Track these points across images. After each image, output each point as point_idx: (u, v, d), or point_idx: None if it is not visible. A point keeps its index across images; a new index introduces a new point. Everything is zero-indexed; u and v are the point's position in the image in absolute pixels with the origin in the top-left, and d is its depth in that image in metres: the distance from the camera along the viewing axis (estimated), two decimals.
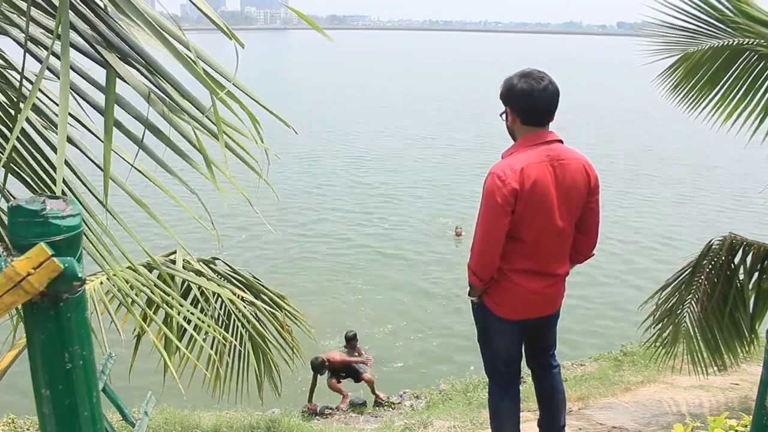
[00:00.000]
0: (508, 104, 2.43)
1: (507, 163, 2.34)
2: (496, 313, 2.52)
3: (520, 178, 2.28)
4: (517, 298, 2.48)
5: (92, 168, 1.52)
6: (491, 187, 2.29)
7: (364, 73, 51.92)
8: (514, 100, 2.39)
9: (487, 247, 2.35)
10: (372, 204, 13.74)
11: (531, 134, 2.39)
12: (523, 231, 2.35)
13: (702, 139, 18.03)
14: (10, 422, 4.85)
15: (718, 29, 3.36)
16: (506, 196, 2.27)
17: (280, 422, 4.47)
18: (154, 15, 1.10)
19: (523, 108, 2.37)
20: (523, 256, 2.40)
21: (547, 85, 2.34)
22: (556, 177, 2.34)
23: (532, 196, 2.30)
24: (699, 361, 3.60)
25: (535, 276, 2.45)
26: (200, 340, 2.85)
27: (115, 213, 1.49)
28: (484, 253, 2.37)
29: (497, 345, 2.65)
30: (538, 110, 2.37)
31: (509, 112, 2.43)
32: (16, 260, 0.77)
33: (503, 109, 2.48)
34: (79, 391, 0.87)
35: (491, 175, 2.32)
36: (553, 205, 2.35)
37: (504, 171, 2.29)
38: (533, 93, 2.33)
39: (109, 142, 1.13)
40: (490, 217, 2.31)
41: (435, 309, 8.70)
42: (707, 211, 13.48)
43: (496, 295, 2.49)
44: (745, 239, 3.45)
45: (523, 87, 2.35)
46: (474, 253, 2.39)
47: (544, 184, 2.32)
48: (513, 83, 2.39)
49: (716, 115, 3.54)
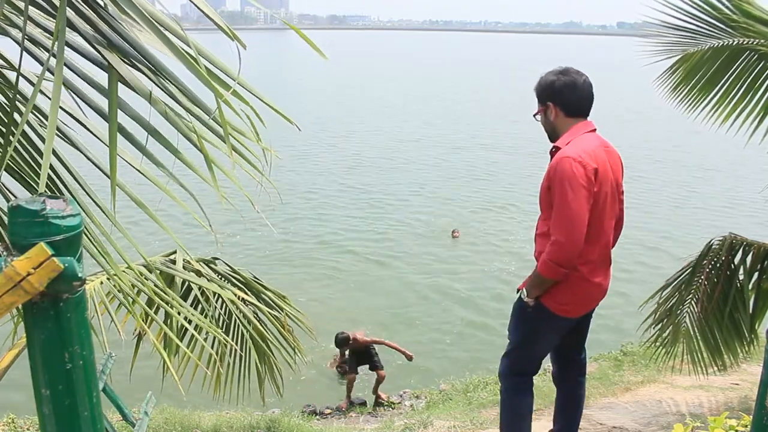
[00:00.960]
0: (551, 99, 2.49)
1: (576, 146, 2.35)
2: (557, 312, 2.45)
3: (594, 159, 2.32)
4: (583, 292, 2.46)
5: (91, 168, 1.52)
6: (571, 170, 2.27)
7: (364, 73, 51.89)
8: (558, 95, 2.47)
9: (578, 232, 2.28)
10: (370, 204, 13.73)
11: (580, 123, 2.46)
12: (592, 215, 2.34)
13: (702, 139, 18.03)
14: (10, 422, 4.84)
15: (718, 29, 3.35)
16: (589, 177, 2.28)
17: (280, 422, 4.47)
18: (154, 12, 1.10)
19: (569, 100, 2.45)
20: (590, 244, 2.37)
21: (586, 78, 2.48)
22: (609, 162, 2.42)
23: (603, 179, 2.35)
24: (699, 361, 3.60)
25: (599, 267, 2.46)
26: (201, 340, 2.85)
27: (112, 216, 1.48)
28: (575, 240, 2.29)
29: (543, 345, 2.63)
30: (584, 100, 2.47)
31: (552, 107, 2.49)
32: (16, 260, 0.77)
33: (537, 110, 2.55)
34: (79, 391, 0.87)
35: (567, 160, 2.29)
36: (611, 190, 2.42)
37: (580, 154, 2.30)
38: (577, 85, 2.45)
39: (114, 147, 1.13)
40: (577, 201, 2.27)
41: (434, 309, 8.69)
42: (707, 211, 13.47)
43: (560, 294, 2.42)
44: (745, 239, 3.45)
45: (566, 80, 2.45)
46: (563, 242, 2.29)
47: (605, 168, 2.37)
48: (552, 80, 2.48)
49: (716, 116, 3.54)
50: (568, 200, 2.27)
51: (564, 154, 2.32)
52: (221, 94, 1.08)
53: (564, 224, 2.29)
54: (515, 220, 12.45)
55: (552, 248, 2.31)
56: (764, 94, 3.36)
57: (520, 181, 15.34)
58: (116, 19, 1.18)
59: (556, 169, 2.32)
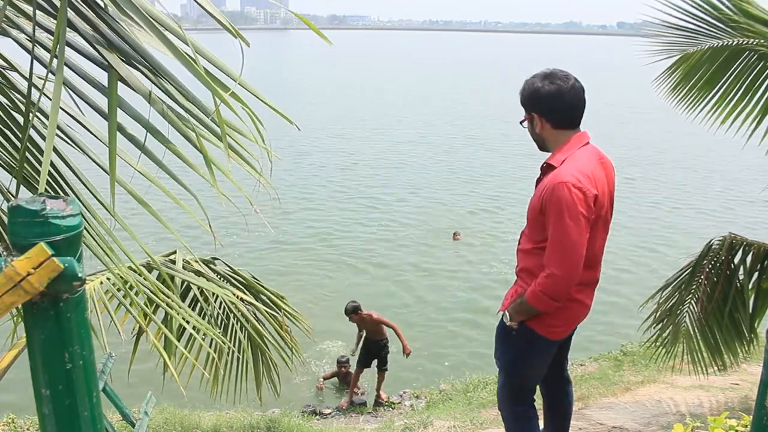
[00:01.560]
0: (535, 110, 2.21)
1: (574, 168, 2.11)
2: (546, 336, 2.29)
3: (594, 183, 2.11)
4: (572, 314, 2.31)
5: (90, 166, 1.52)
6: (571, 197, 2.05)
7: (364, 73, 51.90)
8: (543, 105, 2.19)
9: (576, 264, 2.10)
10: (369, 205, 13.72)
11: (573, 137, 2.20)
12: (589, 239, 2.16)
13: (702, 139, 18.03)
14: (10, 422, 4.84)
15: (718, 29, 3.35)
16: (589, 204, 2.08)
17: (280, 422, 4.47)
18: (154, 12, 1.10)
19: (556, 112, 2.18)
20: (585, 266, 2.18)
21: (574, 83, 2.19)
22: (606, 177, 2.23)
23: (601, 203, 2.16)
24: (699, 361, 3.60)
25: (587, 287, 2.31)
26: (200, 340, 2.85)
27: (116, 215, 1.49)
28: (572, 274, 2.11)
29: (538, 368, 2.47)
30: (573, 109, 2.19)
31: (537, 117, 2.22)
32: (16, 260, 0.77)
33: (523, 117, 2.28)
34: (79, 391, 0.87)
35: (565, 186, 2.06)
36: (607, 207, 2.24)
37: (579, 179, 2.07)
38: (563, 93, 2.15)
39: (114, 147, 1.13)
40: (576, 230, 2.07)
41: (434, 310, 8.69)
42: (707, 211, 13.48)
43: (550, 317, 2.25)
44: (745, 239, 3.45)
45: (549, 89, 2.16)
46: (559, 276, 2.11)
47: (604, 190, 2.17)
48: (537, 86, 2.18)
49: (715, 116, 3.53)
50: (567, 230, 2.07)
51: (561, 178, 2.09)
52: (220, 95, 1.08)
53: (561, 257, 2.10)
54: (513, 221, 12.44)
55: (547, 281, 2.13)
56: (763, 95, 3.35)
57: (519, 182, 15.33)
58: (116, 19, 1.18)
59: (552, 194, 2.09)
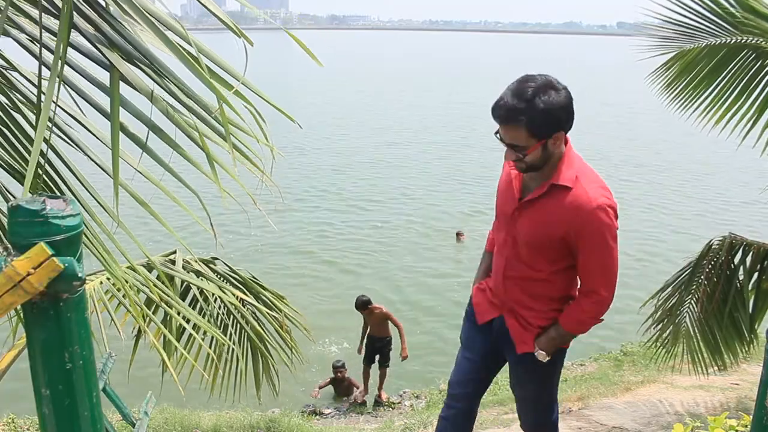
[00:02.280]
0: (561, 126, 1.96)
1: (596, 185, 2.04)
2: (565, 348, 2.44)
3: (611, 192, 2.08)
4: None
5: (90, 166, 1.52)
6: (609, 220, 2.02)
7: (364, 73, 51.89)
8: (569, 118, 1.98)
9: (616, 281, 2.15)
10: (370, 205, 13.72)
11: (568, 145, 2.08)
12: None
13: (701, 139, 18.00)
14: (10, 422, 4.84)
15: (718, 26, 3.33)
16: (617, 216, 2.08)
17: (280, 422, 4.47)
18: (155, 11, 1.10)
19: (571, 119, 2.00)
20: None
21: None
22: None
23: None
24: (699, 361, 3.60)
25: None
26: (199, 340, 2.85)
27: (114, 215, 1.48)
28: (614, 291, 2.16)
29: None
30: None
31: (563, 135, 2.00)
32: (16, 260, 0.77)
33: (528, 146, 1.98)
34: (79, 391, 0.87)
35: (602, 210, 1.99)
36: None
37: (607, 196, 2.02)
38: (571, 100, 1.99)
39: (117, 147, 1.12)
40: (617, 249, 2.08)
41: (435, 310, 8.69)
42: (707, 211, 13.48)
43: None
44: (745, 239, 3.45)
45: (567, 97, 1.95)
46: (607, 297, 2.13)
47: None
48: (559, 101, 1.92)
49: (710, 115, 3.50)
50: (612, 252, 2.06)
51: (595, 202, 1.98)
52: (221, 95, 1.07)
53: (610, 279, 2.11)
54: None
55: (596, 306, 2.14)
56: (759, 95, 3.33)
57: None
58: (118, 19, 1.18)
59: (589, 221, 1.99)
